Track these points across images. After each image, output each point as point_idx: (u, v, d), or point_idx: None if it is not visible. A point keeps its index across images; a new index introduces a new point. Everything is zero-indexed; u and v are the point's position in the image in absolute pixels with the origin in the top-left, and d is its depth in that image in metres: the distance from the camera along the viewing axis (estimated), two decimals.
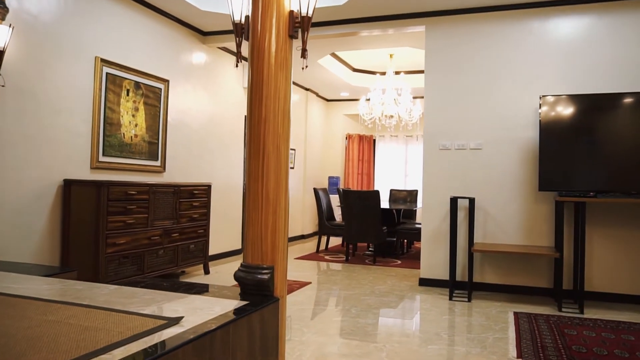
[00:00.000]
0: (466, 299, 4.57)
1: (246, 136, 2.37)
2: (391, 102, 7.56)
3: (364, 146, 10.54)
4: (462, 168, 5.15)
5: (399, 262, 6.76)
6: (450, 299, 4.60)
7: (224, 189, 6.78)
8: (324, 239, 8.50)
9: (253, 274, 2.46)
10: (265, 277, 2.33)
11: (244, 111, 7.28)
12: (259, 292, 2.34)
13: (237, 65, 2.60)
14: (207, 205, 5.57)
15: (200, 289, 2.38)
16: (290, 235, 8.89)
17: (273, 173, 2.54)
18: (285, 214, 2.58)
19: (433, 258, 5.21)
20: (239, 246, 7.18)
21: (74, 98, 4.44)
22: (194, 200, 5.33)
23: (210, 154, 6.48)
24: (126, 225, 4.39)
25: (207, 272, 5.59)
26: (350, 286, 5.11)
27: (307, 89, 9.38)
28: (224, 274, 5.62)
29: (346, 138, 10.50)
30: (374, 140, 10.71)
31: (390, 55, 7.59)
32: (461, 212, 5.06)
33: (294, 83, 8.82)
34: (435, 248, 5.21)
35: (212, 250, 6.43)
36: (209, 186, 5.61)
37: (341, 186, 10.37)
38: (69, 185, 4.31)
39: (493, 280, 5.01)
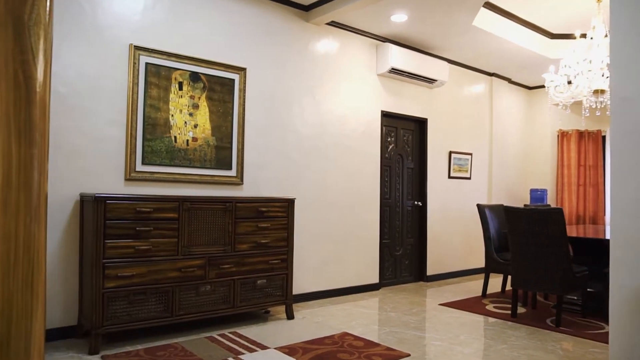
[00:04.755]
0: None
1: None
2: (601, 70, 4.84)
3: (586, 146, 7.49)
4: None
5: (605, 327, 4.06)
6: None
7: (348, 205, 5.26)
8: (495, 278, 6.15)
9: None
10: None
11: (380, 105, 5.65)
12: None
13: None
14: (287, 227, 4.17)
15: None
16: (466, 267, 6.70)
17: None
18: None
19: (635, 344, 2.64)
20: (373, 280, 5.51)
21: (97, 95, 3.68)
22: (262, 220, 4.01)
23: (323, 160, 5.07)
24: (137, 251, 3.35)
25: (290, 316, 4.17)
26: None
27: (491, 74, 7.09)
28: (310, 322, 4.10)
29: (558, 136, 7.65)
30: (603, 138, 7.54)
31: (598, 0, 4.90)
32: None
33: (469, 67, 6.71)
34: (637, 323, 2.63)
35: (323, 285, 4.98)
36: (290, 201, 4.21)
37: (550, 202, 7.55)
38: (83, 202, 3.54)
39: None
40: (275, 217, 4.09)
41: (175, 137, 4.04)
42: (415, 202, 6.17)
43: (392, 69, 5.47)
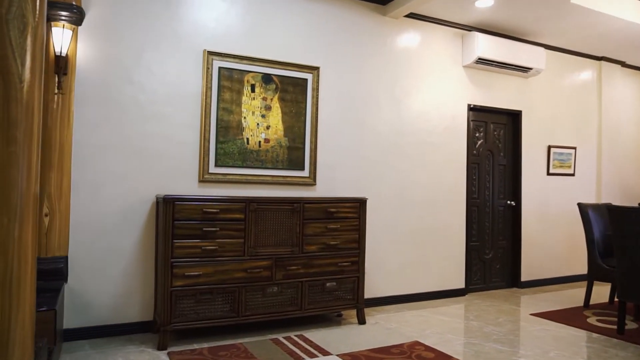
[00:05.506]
0: None
1: None
2: None
3: None
4: None
5: None
6: None
7: (430, 205, 4.98)
8: (601, 287, 5.47)
9: None
10: None
11: (467, 98, 5.29)
12: None
13: None
14: (358, 228, 4.03)
15: None
16: (567, 273, 6.03)
17: None
18: None
19: None
20: (458, 285, 5.16)
21: (174, 102, 3.83)
22: (331, 221, 3.91)
23: (403, 159, 4.85)
24: (204, 252, 3.43)
25: (361, 321, 4.03)
26: None
27: (599, 58, 6.30)
28: (381, 328, 3.93)
29: None
30: None
31: None
32: None
33: (571, 52, 6.05)
34: None
35: (401, 289, 4.77)
36: (361, 202, 4.06)
37: None
38: (158, 203, 3.71)
39: None
40: (345, 218, 3.98)
41: (247, 139, 4.09)
42: (508, 202, 5.68)
43: (479, 59, 5.07)
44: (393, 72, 4.81)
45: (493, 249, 5.55)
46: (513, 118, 5.73)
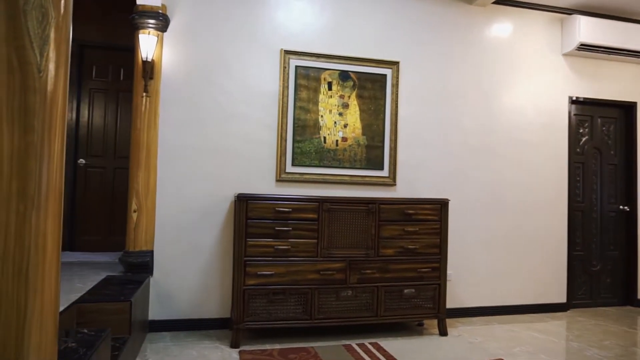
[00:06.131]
0: None
1: None
2: None
3: None
4: None
5: None
6: None
7: (525, 208, 4.54)
8: None
9: None
10: None
11: (567, 90, 4.78)
12: None
13: None
14: (439, 232, 3.76)
15: None
16: None
17: None
18: None
19: None
20: (558, 299, 4.64)
21: (252, 102, 3.88)
22: (410, 223, 3.68)
23: (493, 158, 4.48)
24: (276, 251, 3.39)
25: (442, 332, 3.74)
26: None
27: None
28: (463, 341, 3.62)
29: None
30: None
31: None
32: None
33: None
34: None
35: (491, 300, 4.39)
36: (443, 203, 3.78)
37: None
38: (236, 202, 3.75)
39: None
40: (425, 221, 3.73)
41: (324, 138, 4.01)
42: (621, 207, 5.01)
43: (582, 45, 4.54)
44: (481, 65, 4.47)
45: (602, 260, 4.93)
46: (626, 111, 5.06)
